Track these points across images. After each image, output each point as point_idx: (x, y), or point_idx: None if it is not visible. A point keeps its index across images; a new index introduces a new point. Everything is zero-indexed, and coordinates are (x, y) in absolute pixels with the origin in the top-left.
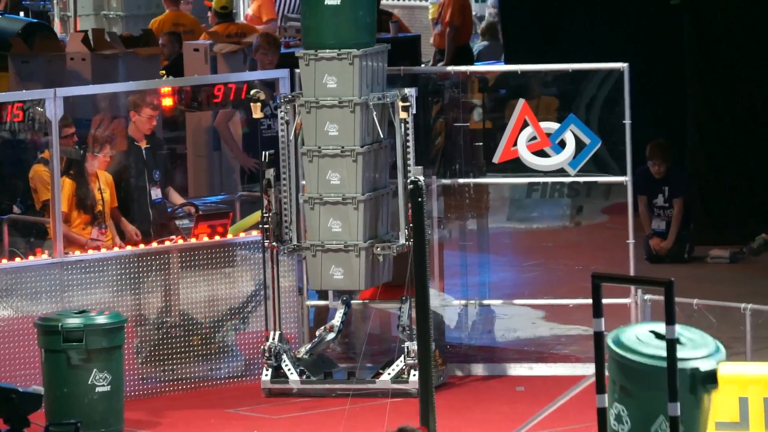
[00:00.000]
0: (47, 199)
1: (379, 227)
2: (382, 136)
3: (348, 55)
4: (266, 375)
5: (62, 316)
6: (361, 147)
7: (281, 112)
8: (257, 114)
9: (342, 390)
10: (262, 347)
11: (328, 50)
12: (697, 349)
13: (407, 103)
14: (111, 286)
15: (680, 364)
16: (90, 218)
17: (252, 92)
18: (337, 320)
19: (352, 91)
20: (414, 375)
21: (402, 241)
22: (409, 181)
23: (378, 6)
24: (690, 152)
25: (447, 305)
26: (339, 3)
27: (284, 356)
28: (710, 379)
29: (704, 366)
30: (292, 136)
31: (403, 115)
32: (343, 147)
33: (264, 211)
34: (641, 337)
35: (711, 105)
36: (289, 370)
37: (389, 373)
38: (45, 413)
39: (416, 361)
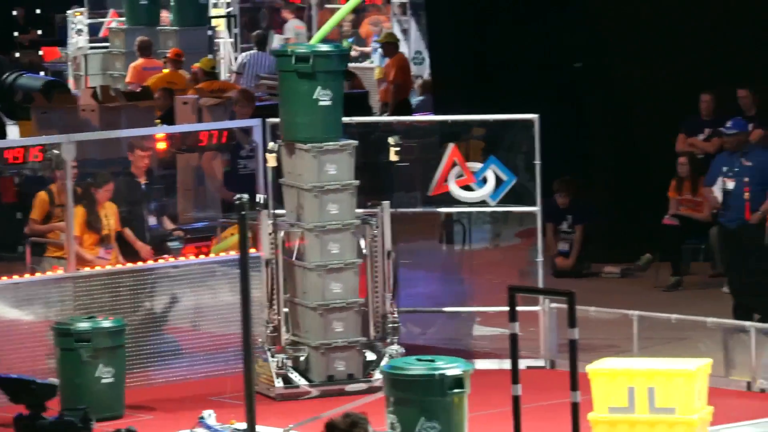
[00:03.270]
0: (34, 217)
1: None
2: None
3: (348, 146)
4: (278, 383)
5: (74, 321)
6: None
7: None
8: (272, 163)
9: (348, 390)
10: (273, 360)
11: (332, 143)
12: (449, 363)
13: (398, 147)
14: (115, 296)
15: (434, 372)
16: (98, 240)
17: (270, 146)
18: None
19: (350, 176)
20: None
21: None
22: (236, 197)
23: None
24: (590, 186)
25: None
26: (330, 104)
27: (290, 366)
28: (458, 383)
29: (451, 372)
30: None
31: (394, 158)
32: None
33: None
34: (406, 362)
35: (608, 148)
36: (296, 377)
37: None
38: (60, 401)
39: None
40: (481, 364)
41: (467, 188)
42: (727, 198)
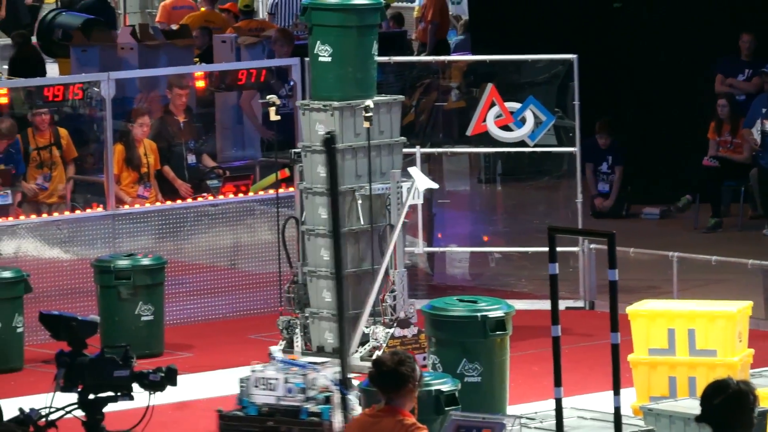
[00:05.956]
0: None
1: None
2: (362, 222)
3: (329, 106)
4: (280, 345)
5: (114, 259)
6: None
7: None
8: (273, 117)
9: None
10: (277, 321)
11: (317, 102)
12: (491, 305)
13: (369, 114)
14: (154, 234)
15: (477, 314)
16: (137, 178)
17: (267, 97)
18: None
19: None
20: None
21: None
22: (324, 132)
23: None
24: (629, 128)
25: (428, 252)
26: (330, 60)
27: (297, 330)
28: (500, 325)
29: (493, 315)
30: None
31: (366, 124)
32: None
33: (290, 283)
34: (447, 302)
35: (645, 90)
36: (298, 342)
37: (360, 353)
38: (100, 338)
39: (381, 343)
40: (520, 304)
41: (506, 128)
42: (766, 140)
